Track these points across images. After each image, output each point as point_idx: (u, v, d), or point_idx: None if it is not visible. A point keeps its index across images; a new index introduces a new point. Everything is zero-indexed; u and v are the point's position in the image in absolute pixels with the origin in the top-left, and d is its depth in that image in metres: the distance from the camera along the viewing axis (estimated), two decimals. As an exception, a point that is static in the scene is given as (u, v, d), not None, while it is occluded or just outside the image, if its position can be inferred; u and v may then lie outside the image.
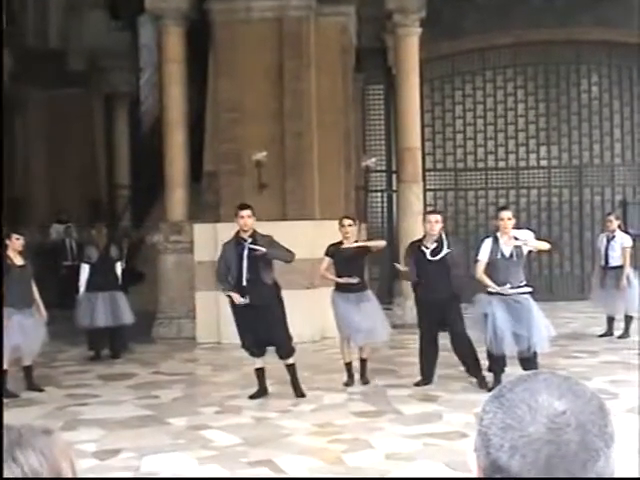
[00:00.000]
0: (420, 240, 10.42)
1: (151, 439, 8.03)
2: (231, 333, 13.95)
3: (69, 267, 19.88)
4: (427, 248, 10.12)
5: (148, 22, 23.29)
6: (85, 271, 12.90)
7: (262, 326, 9.66)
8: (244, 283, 9.61)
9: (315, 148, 14.69)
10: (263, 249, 9.55)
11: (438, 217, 10.34)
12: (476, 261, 9.96)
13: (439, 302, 9.95)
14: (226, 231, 14.21)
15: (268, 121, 14.46)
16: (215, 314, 14.27)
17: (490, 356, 9.90)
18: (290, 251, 9.80)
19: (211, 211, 14.80)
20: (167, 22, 15.55)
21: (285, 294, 10.03)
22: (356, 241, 10.29)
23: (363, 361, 10.55)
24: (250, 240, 9.64)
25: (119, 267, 13.24)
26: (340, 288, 10.23)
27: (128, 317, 12.97)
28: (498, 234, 9.86)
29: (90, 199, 21.31)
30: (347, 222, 10.35)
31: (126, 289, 13.80)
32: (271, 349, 9.94)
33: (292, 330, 10.03)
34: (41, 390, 10.49)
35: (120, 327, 13.05)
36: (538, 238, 10.40)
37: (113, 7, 22.95)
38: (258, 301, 9.56)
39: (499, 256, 9.76)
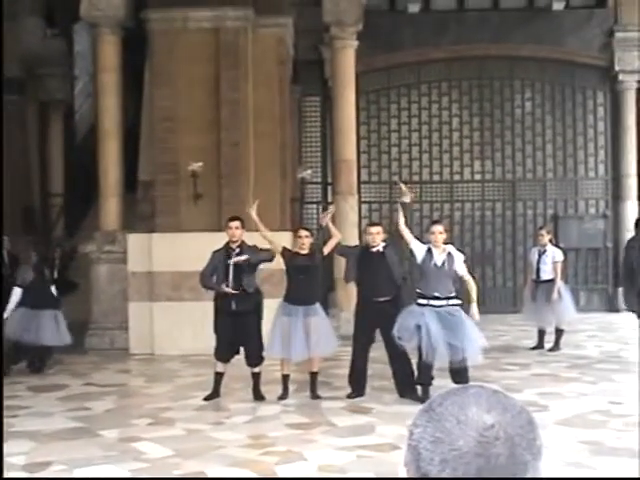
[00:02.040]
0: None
1: (82, 451, 7.92)
2: (164, 344, 13.97)
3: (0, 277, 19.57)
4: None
5: (83, 30, 23.07)
6: (17, 295, 12.30)
7: (238, 333, 10.09)
8: (229, 285, 10.04)
9: (251, 159, 14.68)
10: (244, 256, 10.01)
11: (379, 228, 10.49)
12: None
13: (379, 303, 10.08)
14: (161, 241, 14.22)
15: (204, 131, 14.42)
16: (148, 325, 14.18)
17: (419, 368, 9.97)
18: (269, 250, 10.22)
19: (146, 221, 14.70)
20: (102, 30, 15.41)
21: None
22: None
23: (313, 374, 10.43)
24: (237, 250, 10.10)
25: (53, 288, 12.91)
26: (289, 299, 10.21)
27: (66, 337, 12.67)
28: (431, 245, 10.03)
29: (23, 207, 21.00)
30: (304, 233, 10.38)
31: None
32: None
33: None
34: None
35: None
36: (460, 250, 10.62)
37: (49, 14, 22.69)
38: (241, 307, 10.02)
39: (432, 265, 9.90)
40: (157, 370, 12.88)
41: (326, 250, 10.51)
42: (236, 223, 10.23)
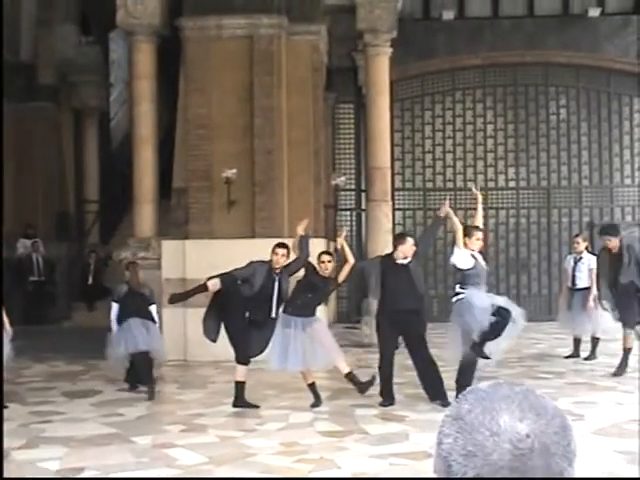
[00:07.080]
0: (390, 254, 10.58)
1: (115, 457, 7.93)
2: (197, 351, 13.97)
3: (36, 282, 19.75)
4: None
5: (119, 38, 23.26)
6: (114, 310, 11.77)
7: (254, 341, 10.20)
8: (273, 315, 10.13)
9: (285, 166, 14.69)
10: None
11: (284, 251, 10.28)
12: (459, 269, 10.05)
13: (404, 313, 10.07)
14: (194, 248, 14.24)
15: (238, 138, 14.45)
16: (182, 332, 14.19)
17: (462, 369, 9.96)
18: (299, 258, 10.31)
19: (180, 228, 14.74)
20: (138, 38, 15.50)
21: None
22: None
23: (310, 385, 10.38)
24: (278, 272, 10.16)
25: (154, 309, 12.13)
26: (289, 311, 10.15)
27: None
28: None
29: (58, 214, 21.17)
30: (327, 258, 10.30)
31: (92, 305, 13.62)
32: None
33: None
34: (4, 407, 10.33)
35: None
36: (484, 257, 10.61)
37: (84, 22, 22.88)
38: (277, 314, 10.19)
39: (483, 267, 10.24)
40: (190, 376, 12.89)
41: (341, 278, 10.51)
42: (283, 251, 10.22)
